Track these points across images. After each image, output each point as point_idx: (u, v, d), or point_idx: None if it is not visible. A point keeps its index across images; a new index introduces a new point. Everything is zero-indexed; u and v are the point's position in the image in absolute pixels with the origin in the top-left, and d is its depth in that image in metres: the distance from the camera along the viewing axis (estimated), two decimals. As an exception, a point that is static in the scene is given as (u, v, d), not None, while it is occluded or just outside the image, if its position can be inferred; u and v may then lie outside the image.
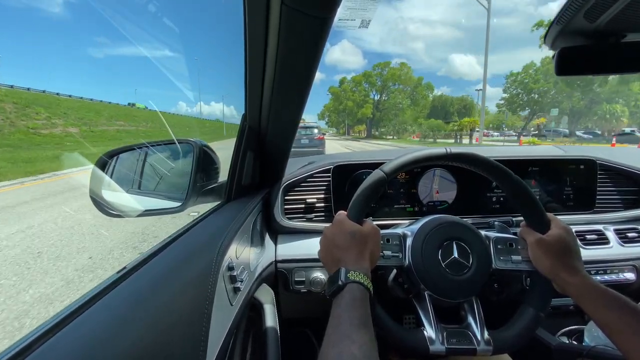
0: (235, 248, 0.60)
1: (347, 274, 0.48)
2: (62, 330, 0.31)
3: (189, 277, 0.46)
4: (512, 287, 0.80)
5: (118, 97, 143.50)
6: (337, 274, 0.49)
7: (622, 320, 0.50)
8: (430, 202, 1.00)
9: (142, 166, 0.90)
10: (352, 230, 0.56)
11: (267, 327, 0.68)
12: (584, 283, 0.55)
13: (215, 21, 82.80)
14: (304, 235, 0.96)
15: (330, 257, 0.56)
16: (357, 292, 0.46)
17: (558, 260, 0.58)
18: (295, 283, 0.91)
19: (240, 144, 0.77)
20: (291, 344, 0.99)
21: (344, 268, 0.49)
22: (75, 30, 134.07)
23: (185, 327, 0.41)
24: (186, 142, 0.81)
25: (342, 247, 0.55)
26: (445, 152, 0.64)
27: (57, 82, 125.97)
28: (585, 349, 0.78)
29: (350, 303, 0.45)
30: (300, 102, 0.66)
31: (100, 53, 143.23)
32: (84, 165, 6.38)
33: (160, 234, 3.32)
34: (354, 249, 0.54)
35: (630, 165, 1.04)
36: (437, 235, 0.65)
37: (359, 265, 0.51)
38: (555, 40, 0.54)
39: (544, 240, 0.60)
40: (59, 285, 2.29)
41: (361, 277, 0.48)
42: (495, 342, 0.61)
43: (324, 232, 0.60)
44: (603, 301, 0.53)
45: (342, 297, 0.46)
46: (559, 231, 0.60)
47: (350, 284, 0.47)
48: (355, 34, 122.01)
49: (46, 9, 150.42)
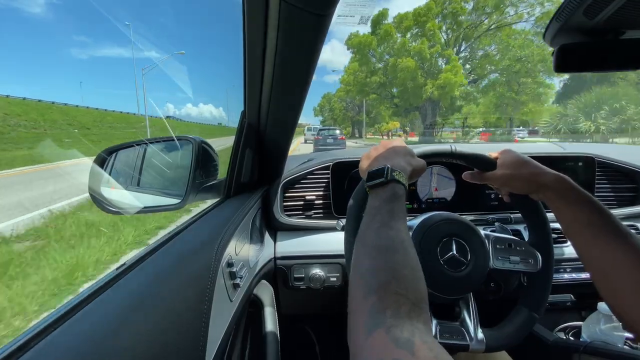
0: (234, 245, 0.60)
1: (392, 172, 0.50)
2: (60, 326, 0.31)
3: (189, 274, 0.46)
4: (509, 287, 0.81)
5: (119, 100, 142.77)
6: (382, 169, 0.51)
7: (589, 217, 0.52)
8: (429, 199, 1.00)
9: (141, 163, 0.90)
10: (408, 147, 0.61)
11: (266, 323, 0.68)
12: (557, 178, 0.58)
13: (215, 19, 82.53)
14: (303, 232, 0.96)
15: (377, 153, 0.59)
16: (398, 190, 0.49)
17: (520, 171, 0.62)
18: (294, 280, 0.91)
19: (239, 141, 0.77)
20: (290, 340, 0.99)
21: (390, 166, 0.51)
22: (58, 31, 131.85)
23: (185, 323, 0.41)
24: (185, 139, 0.81)
25: (396, 150, 0.58)
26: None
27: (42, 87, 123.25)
28: (582, 344, 0.79)
29: (390, 198, 0.47)
30: (299, 98, 0.66)
31: (84, 54, 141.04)
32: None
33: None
34: (404, 157, 0.57)
35: (628, 163, 1.04)
36: (437, 232, 0.65)
37: (403, 168, 0.53)
38: (555, 37, 0.54)
39: (499, 169, 0.65)
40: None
41: (404, 178, 0.50)
42: (488, 340, 0.61)
43: (381, 141, 0.65)
44: (574, 195, 0.55)
45: (383, 191, 0.49)
46: (503, 155, 0.66)
47: (393, 182, 0.49)
48: (345, 35, 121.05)
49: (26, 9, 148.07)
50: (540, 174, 0.59)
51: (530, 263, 0.66)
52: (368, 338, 0.30)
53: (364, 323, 0.31)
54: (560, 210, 0.56)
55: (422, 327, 0.30)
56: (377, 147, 0.62)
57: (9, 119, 14.89)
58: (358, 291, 0.35)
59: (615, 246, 0.48)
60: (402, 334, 0.28)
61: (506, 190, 0.67)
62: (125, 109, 29.11)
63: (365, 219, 0.45)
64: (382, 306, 0.32)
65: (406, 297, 0.33)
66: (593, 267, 0.51)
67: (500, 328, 0.64)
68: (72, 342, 0.29)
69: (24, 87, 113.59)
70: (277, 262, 0.91)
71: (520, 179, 0.62)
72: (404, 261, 0.37)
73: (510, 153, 0.66)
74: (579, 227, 0.53)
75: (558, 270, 0.92)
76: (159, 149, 0.87)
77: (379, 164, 0.53)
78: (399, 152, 0.58)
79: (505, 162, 0.64)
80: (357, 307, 0.34)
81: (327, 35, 0.49)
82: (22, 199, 4.97)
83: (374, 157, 0.59)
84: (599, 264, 0.50)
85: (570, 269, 0.92)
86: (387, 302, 0.32)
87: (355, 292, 0.36)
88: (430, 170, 0.99)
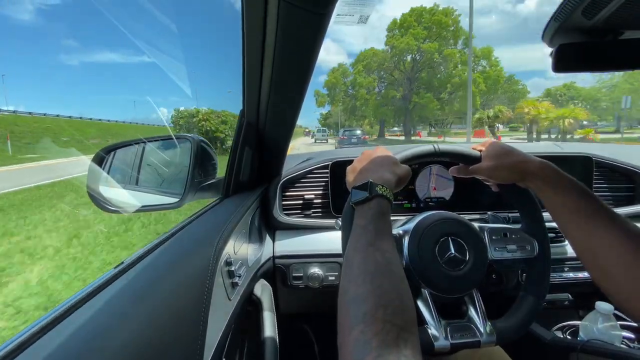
0: (233, 243, 0.60)
1: (375, 187, 0.50)
2: (58, 325, 0.31)
3: (187, 272, 0.46)
4: (510, 277, 0.81)
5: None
6: (365, 185, 0.51)
7: (580, 203, 0.52)
8: (427, 198, 1.00)
9: (139, 162, 0.90)
10: (391, 156, 0.60)
11: (265, 322, 0.68)
12: (542, 165, 0.58)
13: (214, 18, 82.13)
14: (301, 231, 0.96)
15: (361, 166, 0.59)
16: (382, 205, 0.49)
17: (504, 161, 0.62)
18: (293, 279, 0.91)
19: (238, 140, 0.77)
20: (289, 339, 0.99)
21: (372, 181, 0.51)
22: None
23: (183, 322, 0.41)
24: (183, 137, 0.81)
25: (378, 161, 0.58)
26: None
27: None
28: (580, 343, 0.79)
29: (375, 215, 0.47)
30: (298, 97, 0.66)
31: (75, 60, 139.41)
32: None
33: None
34: (388, 167, 0.57)
35: (626, 162, 1.04)
36: (433, 233, 0.65)
37: (387, 180, 0.53)
38: (553, 37, 0.54)
39: (484, 161, 0.65)
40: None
41: (388, 191, 0.50)
42: (498, 332, 0.62)
43: (363, 151, 0.64)
44: (560, 181, 0.55)
45: (368, 207, 0.48)
46: (487, 147, 0.66)
47: (377, 198, 0.49)
48: (339, 36, 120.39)
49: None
50: (524, 161, 0.59)
51: (527, 249, 0.67)
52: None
53: (350, 357, 0.31)
54: (547, 196, 0.56)
55: (409, 354, 0.30)
56: (360, 159, 0.62)
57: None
58: (345, 320, 0.35)
59: (603, 229, 0.48)
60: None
61: (494, 180, 0.67)
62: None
63: (351, 239, 0.45)
64: (368, 336, 0.31)
65: (393, 323, 0.32)
66: (582, 250, 0.51)
67: (508, 318, 0.65)
68: (70, 340, 0.29)
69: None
70: (275, 261, 0.91)
71: (505, 168, 0.62)
72: (390, 285, 0.37)
73: (494, 144, 0.66)
74: (567, 212, 0.53)
75: (556, 269, 0.92)
76: (157, 148, 0.87)
77: (363, 178, 0.53)
78: (382, 163, 0.57)
79: (489, 153, 0.65)
80: (344, 339, 0.34)
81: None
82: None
83: (358, 171, 0.59)
84: (587, 247, 0.50)
85: (568, 268, 0.93)
86: (373, 331, 0.32)
87: (343, 321, 0.35)
88: (429, 170, 1.00)
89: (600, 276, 0.48)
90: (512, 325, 0.63)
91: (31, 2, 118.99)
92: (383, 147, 0.65)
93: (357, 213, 0.49)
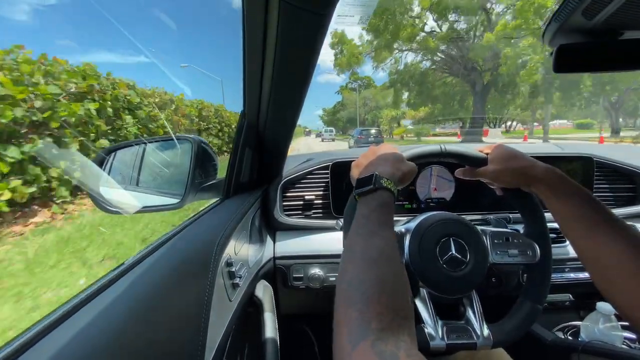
0: (233, 244, 0.60)
1: (380, 180, 0.50)
2: (59, 326, 0.31)
3: (188, 273, 0.46)
4: (510, 281, 0.81)
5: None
6: (370, 177, 0.51)
7: (582, 209, 0.52)
8: (428, 199, 1.00)
9: (140, 162, 0.90)
10: (397, 153, 0.61)
11: (265, 322, 0.68)
12: (547, 170, 0.58)
13: (214, 19, 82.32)
14: (302, 232, 0.96)
15: (367, 161, 0.60)
16: (386, 197, 0.49)
17: (510, 165, 0.62)
18: (293, 279, 0.91)
19: (238, 141, 0.77)
20: (290, 339, 0.99)
21: (377, 174, 0.51)
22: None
23: (184, 323, 0.41)
24: (184, 138, 0.81)
25: (384, 157, 0.59)
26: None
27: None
28: (581, 344, 0.79)
29: (378, 205, 0.47)
30: (299, 98, 0.66)
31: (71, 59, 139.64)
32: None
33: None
34: (393, 163, 0.57)
35: (626, 163, 1.04)
36: (434, 233, 0.65)
37: (391, 174, 0.54)
38: (554, 38, 0.54)
39: (490, 164, 0.65)
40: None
41: (392, 185, 0.51)
42: (494, 336, 0.62)
43: (370, 147, 0.65)
44: (565, 187, 0.55)
45: (372, 198, 0.49)
46: (493, 150, 0.66)
47: (381, 190, 0.49)
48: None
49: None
50: (530, 166, 0.59)
51: (528, 255, 0.66)
52: (352, 352, 0.29)
53: (348, 336, 0.31)
54: (551, 202, 0.56)
55: (407, 339, 0.30)
56: (366, 154, 0.62)
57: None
58: (343, 300, 0.35)
59: (606, 237, 0.48)
60: (386, 347, 0.28)
61: (498, 184, 0.67)
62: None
63: (354, 226, 0.46)
64: (367, 318, 0.31)
65: (393, 308, 0.32)
66: (585, 257, 0.51)
67: (505, 322, 0.64)
68: (71, 342, 0.29)
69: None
70: (276, 261, 0.91)
71: (511, 172, 0.62)
72: (389, 273, 0.37)
73: (501, 148, 0.66)
74: (570, 219, 0.53)
75: (557, 270, 0.92)
76: (157, 149, 0.87)
77: (368, 171, 0.54)
78: (387, 159, 0.58)
79: (496, 157, 0.65)
80: (341, 318, 0.33)
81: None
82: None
83: (363, 165, 0.59)
84: (591, 254, 0.50)
85: (569, 269, 0.93)
86: (371, 314, 0.32)
87: (340, 301, 0.35)
88: (429, 170, 0.99)
89: (603, 284, 0.48)
90: (509, 330, 0.63)
91: (28, 2, 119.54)
92: (389, 144, 0.65)
93: (360, 204, 0.49)
